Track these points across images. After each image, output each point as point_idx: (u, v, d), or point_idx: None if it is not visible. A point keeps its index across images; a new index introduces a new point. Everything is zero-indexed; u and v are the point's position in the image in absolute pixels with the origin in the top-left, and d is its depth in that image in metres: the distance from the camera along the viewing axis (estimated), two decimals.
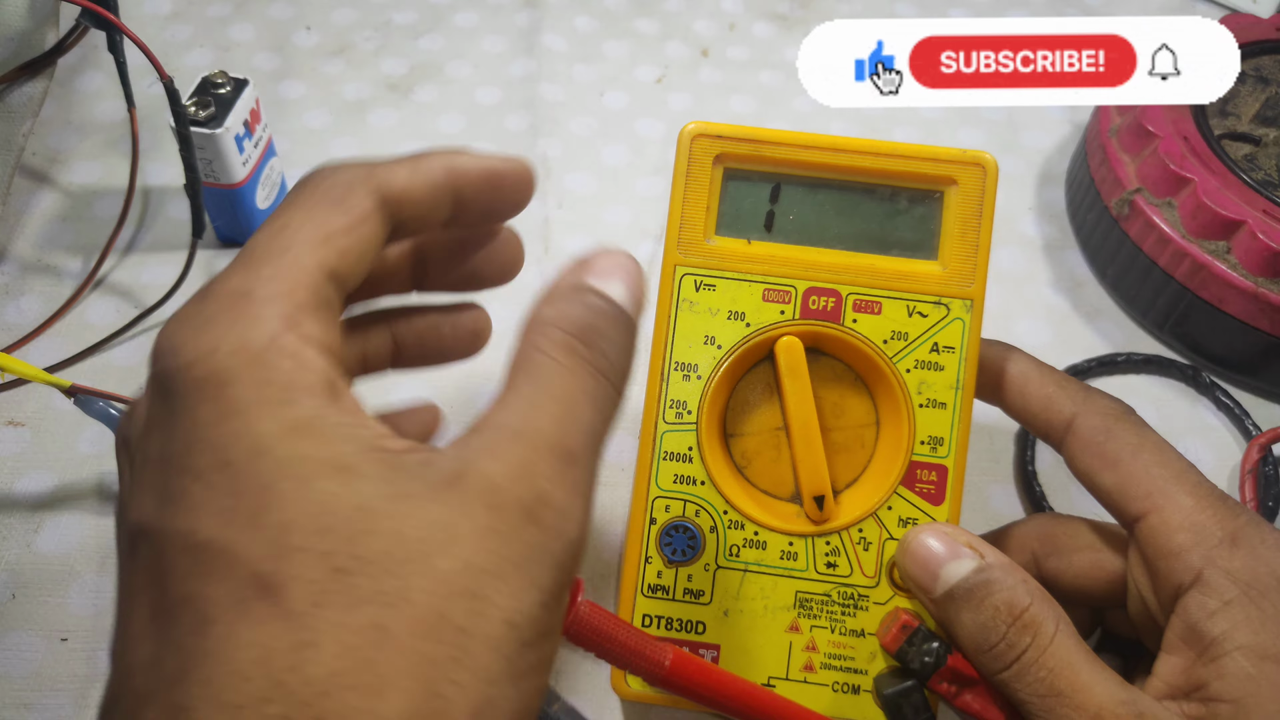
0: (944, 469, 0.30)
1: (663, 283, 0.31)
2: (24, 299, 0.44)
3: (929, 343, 0.30)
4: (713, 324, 0.31)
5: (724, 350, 0.30)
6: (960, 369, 0.30)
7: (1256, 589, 0.25)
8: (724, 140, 0.31)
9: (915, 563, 0.28)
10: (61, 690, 0.33)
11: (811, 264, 0.31)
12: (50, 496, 0.38)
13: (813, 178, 0.31)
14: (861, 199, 0.31)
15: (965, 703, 0.27)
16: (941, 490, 0.30)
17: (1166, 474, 0.27)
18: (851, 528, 0.30)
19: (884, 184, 0.31)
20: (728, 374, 0.31)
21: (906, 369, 0.30)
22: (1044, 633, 0.26)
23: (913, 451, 0.30)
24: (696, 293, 0.31)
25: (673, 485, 0.30)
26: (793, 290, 0.31)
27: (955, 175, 0.31)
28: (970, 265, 0.30)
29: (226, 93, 0.42)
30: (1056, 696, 0.25)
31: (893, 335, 0.30)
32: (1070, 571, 0.30)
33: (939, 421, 0.30)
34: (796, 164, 0.31)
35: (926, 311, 0.30)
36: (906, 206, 0.31)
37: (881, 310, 0.30)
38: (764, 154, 0.31)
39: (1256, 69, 0.47)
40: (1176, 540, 0.26)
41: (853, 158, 0.31)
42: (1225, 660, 0.24)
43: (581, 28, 0.58)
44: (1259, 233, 0.39)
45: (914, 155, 0.31)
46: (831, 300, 0.30)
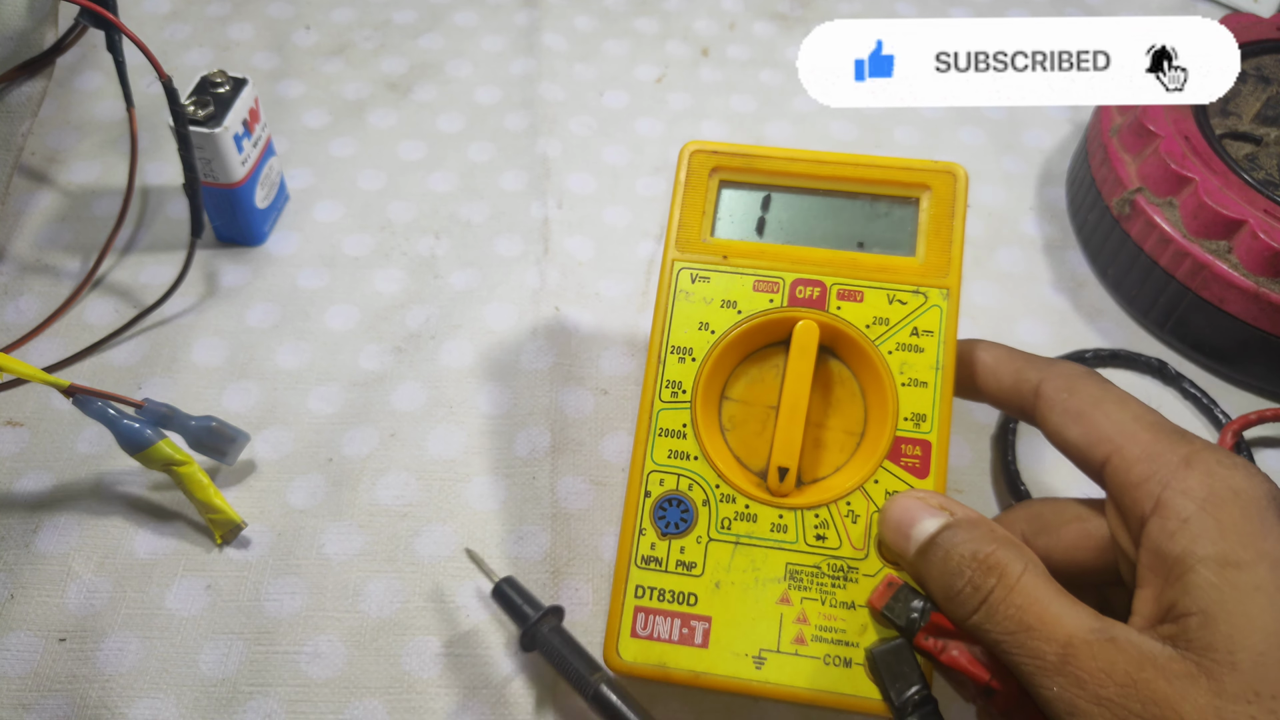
0: (928, 444, 0.31)
1: (661, 276, 0.33)
2: (23, 299, 0.44)
3: (909, 327, 0.32)
4: (707, 311, 0.33)
5: (717, 335, 0.33)
6: (939, 350, 0.32)
7: (1213, 502, 0.25)
8: (719, 155, 0.35)
9: (890, 527, 0.29)
10: (59, 691, 0.33)
11: (799, 259, 0.33)
12: (49, 497, 0.38)
13: (800, 187, 0.35)
14: (844, 204, 0.34)
15: (952, 659, 0.27)
16: (926, 464, 0.31)
17: (1126, 416, 0.28)
18: (839, 500, 0.31)
19: (865, 192, 0.34)
20: (721, 356, 0.33)
21: (888, 350, 0.32)
22: (1010, 572, 0.26)
23: (897, 427, 0.31)
24: (692, 284, 0.33)
25: (667, 460, 0.32)
26: (781, 281, 0.33)
27: (929, 182, 0.34)
28: (945, 259, 0.33)
29: (225, 92, 0.42)
30: (1026, 631, 0.25)
31: (874, 320, 0.32)
32: (1060, 546, 0.30)
33: (921, 399, 0.32)
34: (785, 174, 0.35)
35: (906, 299, 0.32)
36: (886, 210, 0.34)
37: (863, 299, 0.33)
38: (755, 166, 0.35)
39: (1257, 68, 0.47)
40: (1136, 472, 0.27)
41: (836, 168, 0.34)
42: (1189, 576, 0.24)
43: (581, 27, 0.58)
44: (1260, 232, 0.39)
45: (891, 165, 0.34)
46: (817, 290, 0.33)
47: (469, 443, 0.40)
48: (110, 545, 0.36)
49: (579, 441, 0.40)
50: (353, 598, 0.36)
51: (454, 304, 0.44)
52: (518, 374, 0.42)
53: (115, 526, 0.37)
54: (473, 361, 0.42)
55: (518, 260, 0.46)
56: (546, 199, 0.49)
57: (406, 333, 0.43)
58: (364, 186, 0.49)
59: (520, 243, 0.47)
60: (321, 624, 0.35)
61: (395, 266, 0.46)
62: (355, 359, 0.42)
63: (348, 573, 0.36)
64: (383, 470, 0.39)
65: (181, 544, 0.37)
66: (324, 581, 0.36)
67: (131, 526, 0.37)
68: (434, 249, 0.47)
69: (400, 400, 0.41)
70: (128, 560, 0.36)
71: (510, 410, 0.41)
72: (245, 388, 0.41)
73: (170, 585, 0.36)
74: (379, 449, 0.39)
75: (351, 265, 0.46)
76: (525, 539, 0.37)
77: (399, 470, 0.39)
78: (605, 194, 0.50)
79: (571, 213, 0.48)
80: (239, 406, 0.41)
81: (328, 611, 0.35)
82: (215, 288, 0.45)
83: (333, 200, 0.49)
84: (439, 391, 0.41)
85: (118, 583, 0.36)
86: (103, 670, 0.34)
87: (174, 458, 0.35)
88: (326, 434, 0.40)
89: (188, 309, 0.44)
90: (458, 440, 0.40)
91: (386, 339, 0.43)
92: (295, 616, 0.35)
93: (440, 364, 0.42)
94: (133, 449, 0.35)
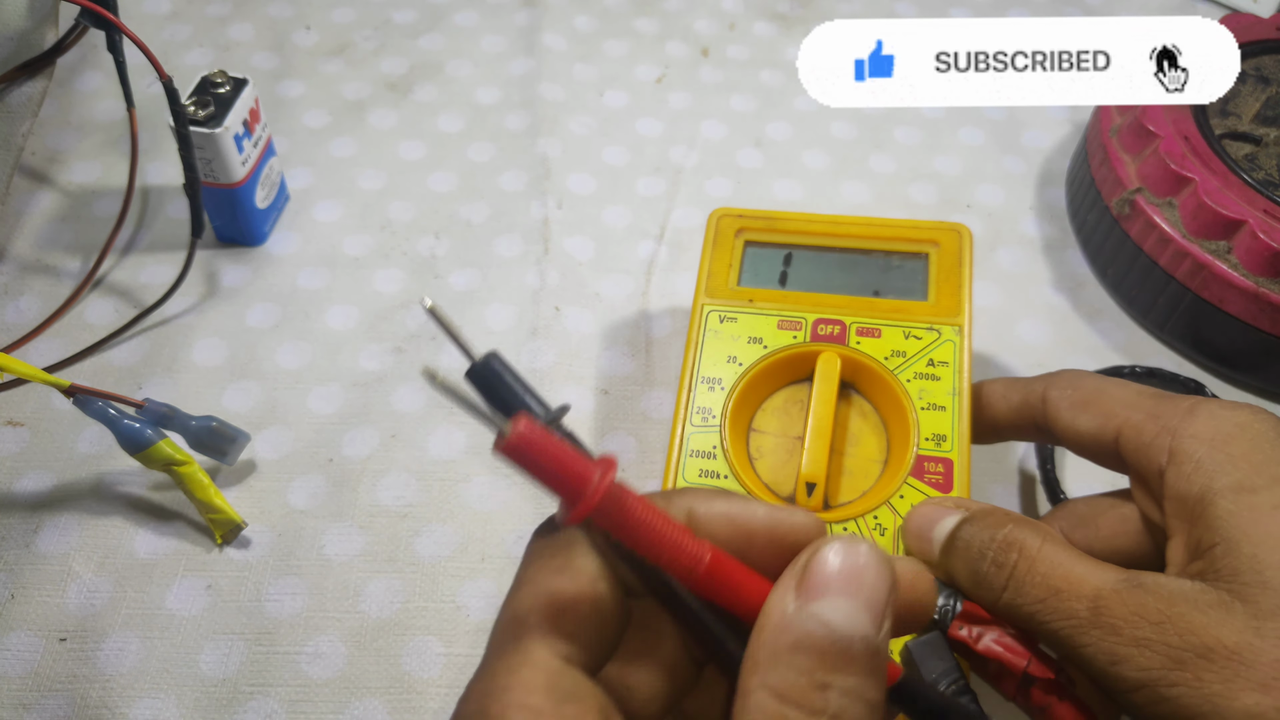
0: (950, 461, 0.33)
1: (692, 320, 0.37)
2: (23, 299, 0.44)
3: (925, 358, 0.35)
4: (734, 347, 0.36)
5: (745, 366, 0.35)
6: (955, 378, 0.34)
7: (1220, 439, 0.26)
8: (744, 218, 0.39)
9: (912, 536, 0.29)
10: (59, 691, 0.33)
11: (819, 303, 0.36)
12: (49, 496, 0.38)
13: (819, 245, 0.38)
14: (860, 259, 0.38)
15: (988, 648, 0.27)
16: (949, 480, 0.32)
17: (1129, 395, 0.29)
18: (867, 515, 0.32)
19: (878, 249, 0.38)
20: (749, 386, 0.35)
21: (906, 379, 0.34)
22: (1029, 545, 0.26)
23: (919, 446, 0.33)
24: (720, 324, 0.36)
25: (698, 478, 0.33)
26: (804, 320, 0.36)
27: (938, 239, 0.37)
28: (956, 301, 0.36)
29: (226, 92, 0.42)
30: (1055, 595, 0.25)
31: (892, 354, 0.35)
32: (1100, 536, 0.30)
33: (940, 421, 0.33)
34: (805, 233, 0.38)
35: (921, 335, 0.35)
36: (899, 263, 0.38)
37: (881, 335, 0.35)
38: (777, 227, 0.39)
39: (1257, 68, 0.47)
40: (1147, 433, 0.27)
41: (851, 228, 0.38)
42: (1209, 510, 0.25)
43: (581, 27, 0.58)
44: (1260, 232, 0.39)
45: (902, 225, 0.38)
46: (837, 328, 0.36)
47: (469, 443, 0.40)
48: (111, 545, 0.36)
49: None
50: (353, 598, 0.36)
51: (454, 304, 0.44)
52: None
53: (116, 526, 0.37)
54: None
55: (518, 260, 0.46)
56: (546, 199, 0.49)
57: (407, 333, 0.43)
58: (364, 186, 0.49)
59: (520, 243, 0.47)
60: (322, 624, 0.35)
61: (395, 266, 0.46)
62: (355, 359, 0.42)
63: (348, 573, 0.36)
64: (383, 471, 0.39)
65: (182, 544, 0.37)
66: (324, 582, 0.36)
67: (132, 526, 0.37)
68: (434, 249, 0.47)
69: (400, 400, 0.41)
70: (128, 560, 0.36)
71: None
72: (245, 388, 0.41)
73: (171, 585, 0.36)
74: (379, 449, 0.39)
75: (351, 265, 0.46)
76: (526, 539, 0.37)
77: (399, 471, 0.39)
78: (605, 194, 0.50)
79: (571, 213, 0.48)
80: (239, 406, 0.41)
81: (328, 612, 0.35)
82: (215, 288, 0.45)
83: (333, 200, 0.49)
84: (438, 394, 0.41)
85: (118, 583, 0.36)
86: (103, 670, 0.34)
87: (174, 458, 0.35)
88: (327, 434, 0.40)
89: (188, 309, 0.44)
90: (458, 440, 0.40)
91: (387, 339, 0.43)
92: (295, 617, 0.35)
93: (440, 364, 0.42)
94: (133, 449, 0.35)
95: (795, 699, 0.18)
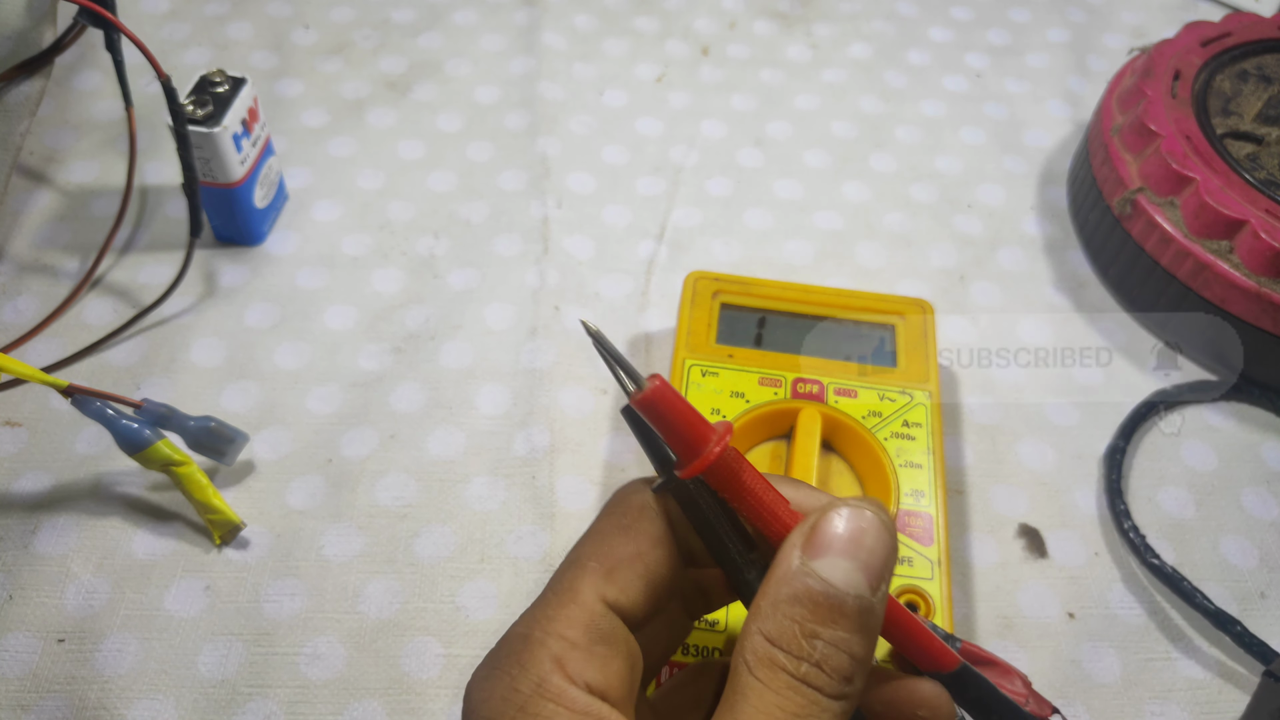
0: (929, 516, 0.35)
1: (673, 374, 0.38)
2: (21, 298, 0.44)
3: (900, 419, 0.37)
4: (718, 400, 0.37)
5: (729, 418, 0.36)
6: (929, 438, 0.36)
7: None
8: (720, 281, 0.41)
9: None
10: (58, 692, 0.33)
11: (795, 364, 0.39)
12: (47, 497, 0.38)
13: (792, 312, 0.40)
14: (832, 326, 0.40)
15: None
16: (929, 533, 0.34)
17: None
18: None
19: (848, 317, 0.40)
20: (734, 438, 0.35)
21: (884, 437, 0.36)
22: None
23: (900, 502, 0.35)
24: (703, 378, 0.38)
25: None
26: (783, 378, 0.38)
27: (903, 311, 0.40)
28: (924, 368, 0.38)
29: (224, 91, 0.42)
30: None
31: (869, 414, 0.37)
32: None
33: (918, 478, 0.35)
34: (777, 299, 0.40)
35: (894, 398, 0.37)
36: (868, 332, 0.40)
37: (858, 395, 0.37)
38: (751, 291, 0.41)
39: (1259, 68, 0.46)
40: None
41: (821, 296, 0.40)
42: None
43: (581, 26, 0.58)
44: (1261, 232, 0.39)
45: (868, 297, 0.40)
46: (816, 387, 0.38)
47: (468, 443, 0.40)
48: (109, 546, 0.36)
49: (579, 441, 0.40)
50: (352, 599, 0.35)
51: (453, 304, 0.44)
52: (517, 374, 0.42)
53: (114, 527, 0.37)
54: (472, 362, 0.42)
55: (517, 260, 0.46)
56: (546, 199, 0.49)
57: (406, 333, 0.43)
58: (363, 186, 0.49)
59: (520, 242, 0.47)
60: (321, 625, 0.35)
61: (394, 266, 0.46)
62: (354, 359, 0.42)
63: (347, 574, 0.36)
64: (382, 471, 0.39)
65: (180, 545, 0.37)
66: (323, 582, 0.36)
67: (130, 527, 0.37)
68: (433, 249, 0.47)
69: (399, 400, 0.41)
70: (126, 561, 0.36)
71: (510, 410, 0.41)
72: (244, 388, 0.41)
73: (169, 586, 0.35)
74: (378, 449, 0.39)
75: (351, 265, 0.46)
76: (525, 539, 0.37)
77: (398, 471, 0.39)
78: (605, 193, 0.49)
79: (571, 212, 0.48)
80: (238, 407, 0.41)
81: (327, 613, 0.35)
82: (214, 288, 0.45)
83: (332, 200, 0.49)
84: (438, 392, 0.41)
85: (116, 584, 0.35)
86: (101, 671, 0.33)
87: (173, 458, 0.35)
88: (326, 434, 0.40)
89: (186, 309, 0.44)
90: (457, 441, 0.40)
91: (386, 339, 0.43)
92: (294, 617, 0.35)
93: (440, 364, 0.42)
94: (131, 449, 0.35)
95: (784, 644, 0.20)
